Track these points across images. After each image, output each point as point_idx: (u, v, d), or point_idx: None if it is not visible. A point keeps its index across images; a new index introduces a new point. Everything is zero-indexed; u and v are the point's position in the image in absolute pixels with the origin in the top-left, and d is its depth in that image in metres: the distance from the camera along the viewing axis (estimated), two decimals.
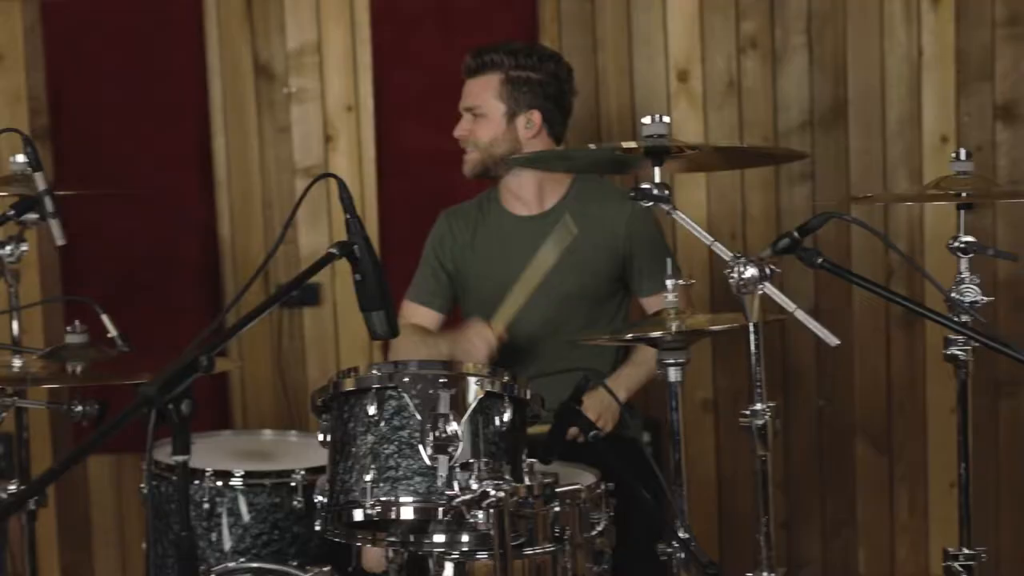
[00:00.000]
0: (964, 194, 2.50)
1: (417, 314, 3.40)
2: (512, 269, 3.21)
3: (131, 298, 4.16)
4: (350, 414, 2.40)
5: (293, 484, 2.93)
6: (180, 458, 1.90)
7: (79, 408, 2.74)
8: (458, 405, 2.33)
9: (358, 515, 2.36)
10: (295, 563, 2.91)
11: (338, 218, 4.25)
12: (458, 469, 2.25)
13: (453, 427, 2.28)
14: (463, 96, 3.36)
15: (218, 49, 4.24)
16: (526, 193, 3.34)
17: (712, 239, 2.30)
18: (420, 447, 2.31)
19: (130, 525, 4.32)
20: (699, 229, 2.33)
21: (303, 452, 3.15)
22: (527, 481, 2.22)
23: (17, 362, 2.81)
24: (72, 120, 4.25)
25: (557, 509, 2.57)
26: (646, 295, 3.31)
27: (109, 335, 3.03)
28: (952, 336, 2.51)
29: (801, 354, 4.19)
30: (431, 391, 2.33)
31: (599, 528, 2.69)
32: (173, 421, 1.88)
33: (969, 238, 2.52)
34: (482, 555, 2.57)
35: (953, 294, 2.47)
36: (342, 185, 2.39)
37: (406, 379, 2.34)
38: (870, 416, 4.20)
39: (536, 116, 3.30)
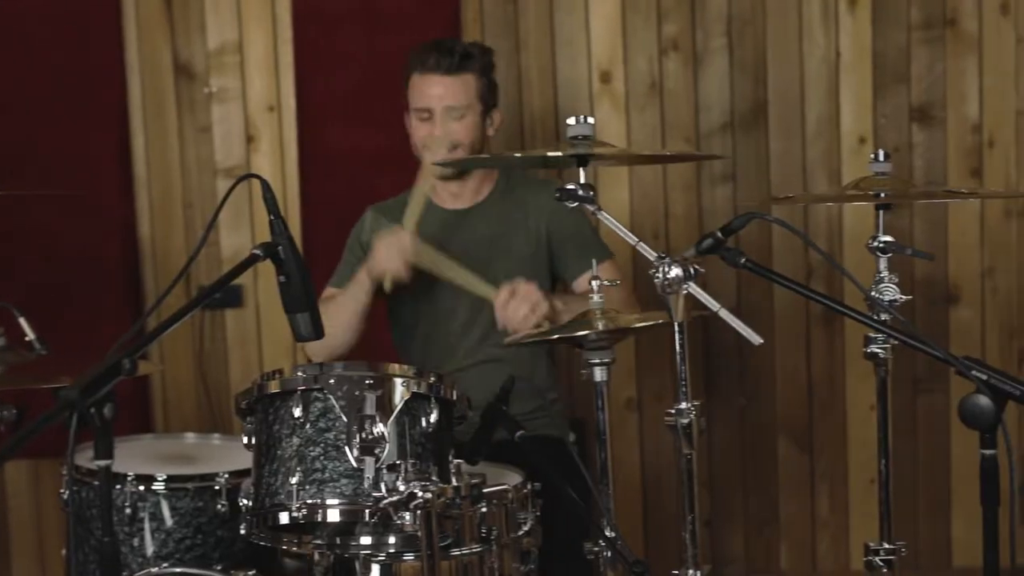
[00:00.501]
0: (883, 195, 2.53)
1: None
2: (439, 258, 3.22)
3: (50, 300, 4.09)
4: (275, 416, 2.39)
5: (217, 487, 2.90)
6: (103, 463, 1.87)
7: None
8: (384, 406, 2.33)
9: (284, 518, 2.35)
10: (219, 567, 2.88)
11: (260, 219, 4.19)
12: (385, 471, 2.24)
13: (380, 428, 2.28)
14: (438, 94, 3.21)
15: (137, 48, 4.18)
16: (468, 188, 3.33)
17: (637, 239, 2.31)
18: (346, 449, 2.30)
19: (49, 531, 4.25)
20: (624, 229, 2.34)
21: (226, 455, 3.12)
22: (454, 482, 2.22)
23: None
24: None
25: (484, 509, 2.57)
26: (574, 278, 3.29)
27: (27, 339, 2.99)
28: (872, 334, 2.54)
29: (723, 353, 4.23)
30: (357, 392, 2.33)
31: (525, 528, 2.69)
32: (95, 425, 1.85)
33: (888, 238, 2.55)
34: (409, 556, 2.56)
35: (873, 293, 2.50)
36: (266, 186, 2.38)
37: (331, 381, 2.33)
38: (791, 414, 4.25)
39: (498, 116, 3.33)
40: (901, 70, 4.15)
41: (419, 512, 2.17)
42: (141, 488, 2.89)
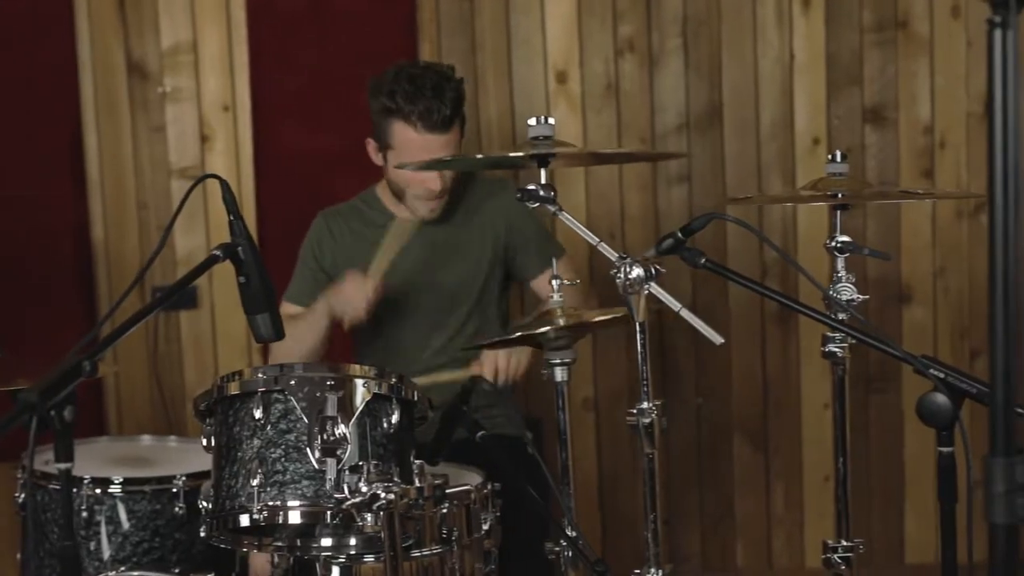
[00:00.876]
0: (840, 195, 2.55)
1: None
2: (395, 266, 3.21)
3: (2, 302, 4.06)
4: (235, 418, 2.37)
5: (175, 490, 2.88)
6: (63, 466, 1.86)
7: None
8: (346, 407, 2.32)
9: (244, 520, 2.33)
10: (177, 570, 2.86)
11: (215, 220, 4.19)
12: (347, 472, 2.23)
13: (341, 430, 2.27)
14: (432, 151, 3.11)
15: (89, 46, 4.15)
16: (430, 216, 3.31)
17: (598, 239, 2.32)
18: (308, 450, 2.29)
19: (2, 535, 4.20)
20: (584, 229, 2.35)
21: (183, 457, 3.10)
22: (417, 483, 2.21)
23: None
24: None
25: (445, 510, 2.57)
26: (534, 276, 3.32)
27: None
28: (830, 334, 2.56)
29: (679, 353, 4.25)
30: (318, 394, 2.32)
31: (486, 528, 2.69)
32: (56, 428, 1.83)
33: (845, 238, 2.58)
34: (369, 558, 2.56)
35: (831, 292, 2.52)
36: (225, 186, 2.37)
37: (292, 382, 2.32)
38: (746, 413, 4.28)
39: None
40: (854, 72, 4.19)
41: (382, 513, 2.16)
42: (98, 491, 2.86)
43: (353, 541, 2.52)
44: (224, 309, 4.22)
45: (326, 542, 2.52)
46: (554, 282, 2.58)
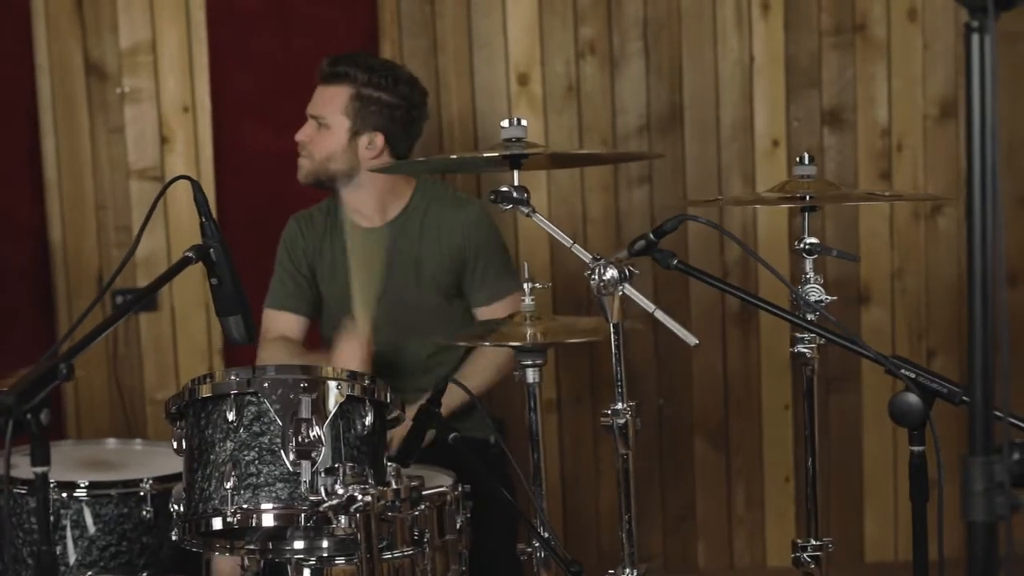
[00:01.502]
0: (808, 197, 2.57)
1: (280, 320, 3.32)
2: (357, 281, 3.20)
3: None
4: (207, 421, 2.36)
5: (142, 493, 2.86)
6: (40, 469, 1.84)
7: None
8: (319, 410, 2.31)
9: (218, 523, 2.32)
10: (145, 574, 2.84)
11: (175, 221, 4.16)
12: (322, 474, 2.22)
13: (316, 432, 2.26)
14: (312, 101, 3.28)
15: (46, 46, 4.11)
16: (366, 207, 3.29)
17: (572, 241, 2.33)
18: (282, 453, 2.29)
19: None
20: (558, 231, 2.36)
21: (149, 461, 3.09)
22: (393, 484, 2.21)
23: None
24: None
25: (418, 512, 2.56)
26: (480, 305, 3.26)
27: None
28: (799, 334, 2.58)
29: (640, 353, 4.27)
30: (292, 396, 2.31)
31: (457, 529, 2.69)
32: (32, 431, 1.81)
33: (813, 240, 2.60)
34: (340, 560, 2.55)
35: (800, 293, 2.54)
36: (197, 187, 2.36)
37: (265, 384, 2.31)
38: (707, 414, 4.30)
39: (379, 139, 3.23)
40: (813, 74, 4.23)
41: (358, 516, 2.15)
42: (64, 495, 2.83)
43: (325, 543, 2.51)
44: (184, 311, 4.19)
45: (298, 544, 2.51)
46: (526, 285, 2.58)
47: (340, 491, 2.17)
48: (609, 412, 2.31)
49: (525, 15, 4.18)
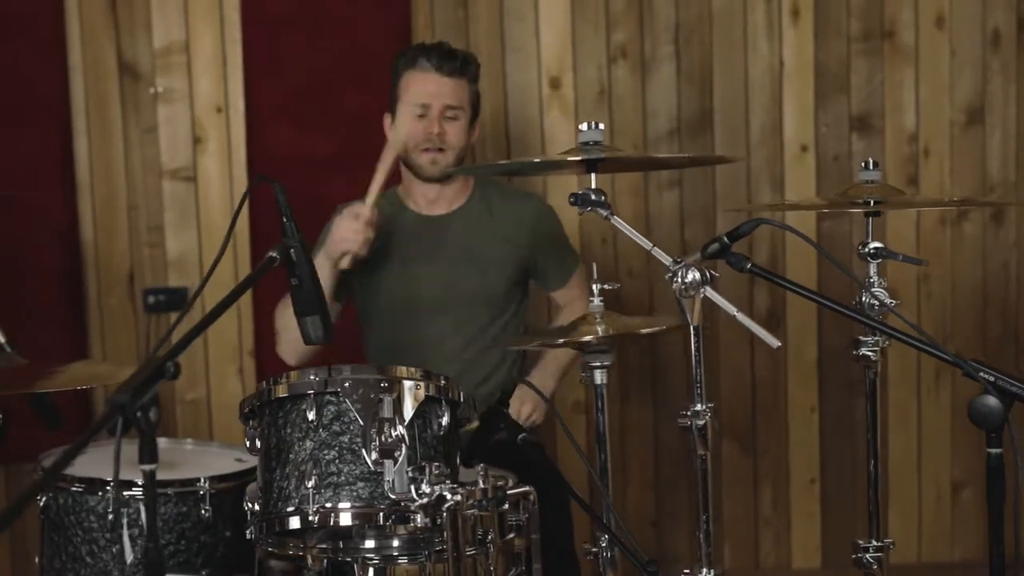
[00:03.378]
0: (873, 202, 2.61)
1: None
2: (418, 267, 3.24)
3: None
4: (285, 420, 2.37)
5: (201, 493, 2.86)
6: (148, 467, 1.85)
7: None
8: (399, 409, 2.33)
9: (295, 522, 2.34)
10: (204, 573, 2.84)
11: (206, 221, 4.17)
12: (409, 473, 2.24)
13: (399, 431, 2.28)
14: (438, 93, 3.22)
15: (80, 46, 4.11)
16: (446, 195, 3.34)
17: (651, 244, 2.35)
18: (363, 452, 2.30)
19: (27, 537, 4.19)
20: (638, 235, 2.38)
21: (201, 460, 3.09)
22: (481, 484, 2.23)
23: None
24: None
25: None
26: (557, 287, 3.41)
27: None
28: (863, 337, 2.61)
29: (669, 357, 4.30)
30: (372, 395, 2.33)
31: (516, 530, 2.71)
32: (142, 429, 1.83)
33: (878, 244, 2.63)
34: (403, 560, 2.57)
35: (864, 298, 2.58)
36: (280, 189, 2.36)
37: (347, 384, 2.33)
38: (735, 416, 4.33)
39: (478, 128, 3.36)
40: (841, 80, 4.27)
41: (446, 515, 2.17)
42: (125, 494, 2.83)
43: (396, 543, 2.52)
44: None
45: (369, 544, 2.52)
46: (595, 286, 2.61)
47: (429, 490, 2.18)
48: (688, 413, 2.33)
49: (557, 19, 4.21)
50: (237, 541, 2.94)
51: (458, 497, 2.17)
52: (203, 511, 2.87)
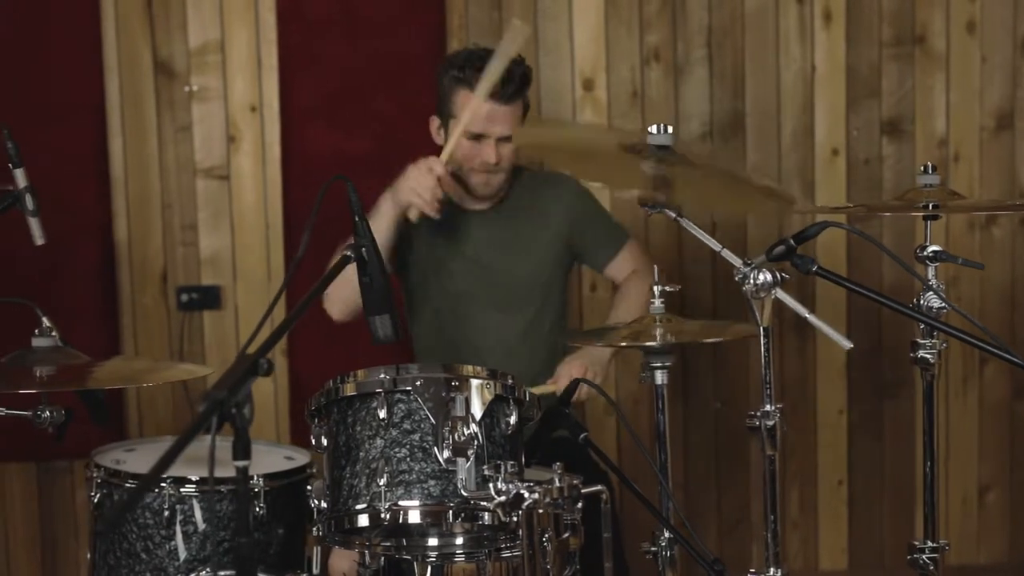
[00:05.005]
0: (932, 206, 2.63)
1: None
2: (462, 261, 3.26)
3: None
4: (355, 418, 2.38)
5: (256, 490, 2.87)
6: (241, 463, 1.86)
7: (46, 414, 2.64)
8: (469, 408, 2.34)
9: (364, 520, 2.35)
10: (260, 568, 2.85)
11: (239, 219, 4.18)
12: (485, 472, 2.26)
13: (472, 429, 2.29)
14: (494, 121, 3.17)
15: (116, 45, 4.11)
16: (490, 194, 3.35)
17: (721, 246, 2.37)
18: (434, 450, 2.31)
19: (51, 535, 4.19)
20: (706, 235, 2.40)
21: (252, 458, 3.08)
22: (557, 483, 2.24)
23: None
24: None
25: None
26: (606, 262, 3.41)
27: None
28: (921, 340, 2.63)
29: (698, 358, 4.32)
30: (443, 394, 2.34)
31: (571, 528, 2.72)
32: (238, 425, 1.84)
33: (937, 247, 2.65)
34: (460, 559, 2.58)
35: (921, 301, 2.60)
36: (351, 187, 2.37)
37: (419, 383, 2.34)
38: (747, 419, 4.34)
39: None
40: (873, 85, 4.29)
41: (521, 513, 2.18)
42: (181, 491, 2.84)
43: (459, 541, 2.54)
44: (247, 310, 4.21)
45: (432, 542, 2.54)
46: (655, 288, 2.63)
47: (506, 488, 2.19)
48: (757, 414, 2.35)
49: (591, 21, 4.23)
50: (289, 539, 2.96)
51: (536, 495, 2.17)
52: (257, 508, 2.88)
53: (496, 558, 2.57)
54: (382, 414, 2.33)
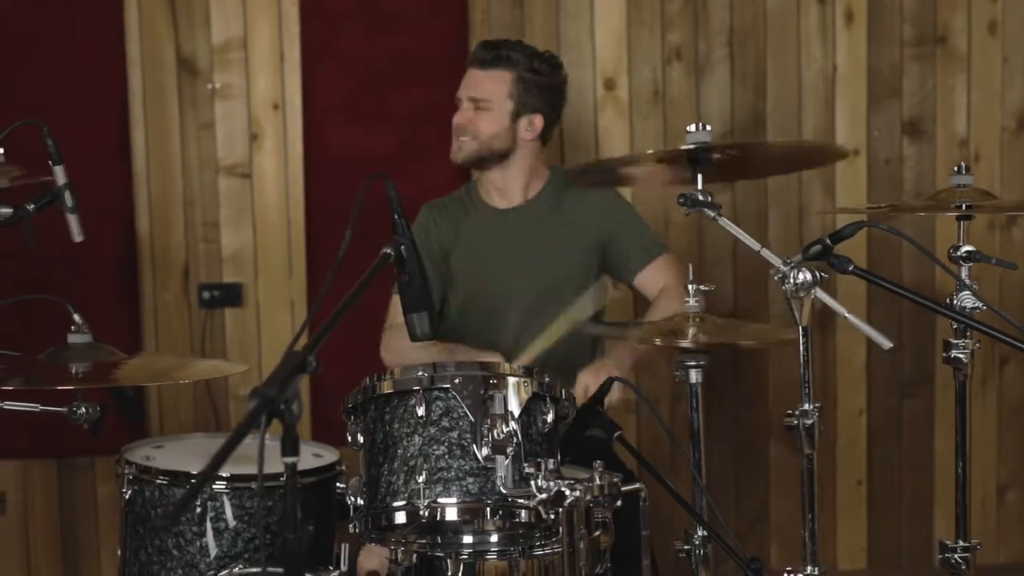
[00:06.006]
0: (964, 206, 2.64)
1: None
2: (498, 263, 3.27)
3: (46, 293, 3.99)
4: (392, 415, 2.39)
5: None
6: (290, 459, 1.87)
7: (81, 411, 2.65)
8: (507, 405, 2.35)
9: (401, 517, 2.36)
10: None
11: (261, 217, 4.18)
12: (525, 469, 2.26)
13: (512, 426, 2.30)
14: (468, 84, 3.34)
15: (139, 41, 4.12)
16: (513, 186, 3.38)
17: (760, 245, 2.37)
18: (473, 447, 2.32)
19: (72, 531, 4.19)
20: (746, 235, 2.40)
21: (279, 455, 3.09)
22: (598, 481, 2.25)
23: None
24: None
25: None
26: (638, 270, 3.39)
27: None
28: (953, 340, 2.64)
29: (718, 358, 4.30)
30: (482, 391, 2.34)
31: (602, 526, 2.73)
32: (286, 422, 1.84)
33: (970, 247, 2.66)
34: (492, 556, 2.59)
35: (955, 301, 2.60)
36: (391, 184, 2.37)
37: (457, 380, 2.35)
38: (783, 417, 4.34)
39: (539, 120, 3.35)
40: (894, 85, 4.30)
41: (562, 511, 2.19)
42: (212, 488, 2.84)
43: (494, 538, 2.54)
44: (269, 308, 4.21)
45: (467, 539, 2.54)
46: (690, 287, 2.63)
47: (548, 486, 2.20)
48: (795, 412, 2.35)
49: (613, 20, 4.23)
50: (318, 535, 2.96)
51: (577, 493, 2.18)
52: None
53: (528, 556, 2.57)
54: (420, 411, 2.34)
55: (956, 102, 4.31)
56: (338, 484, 2.98)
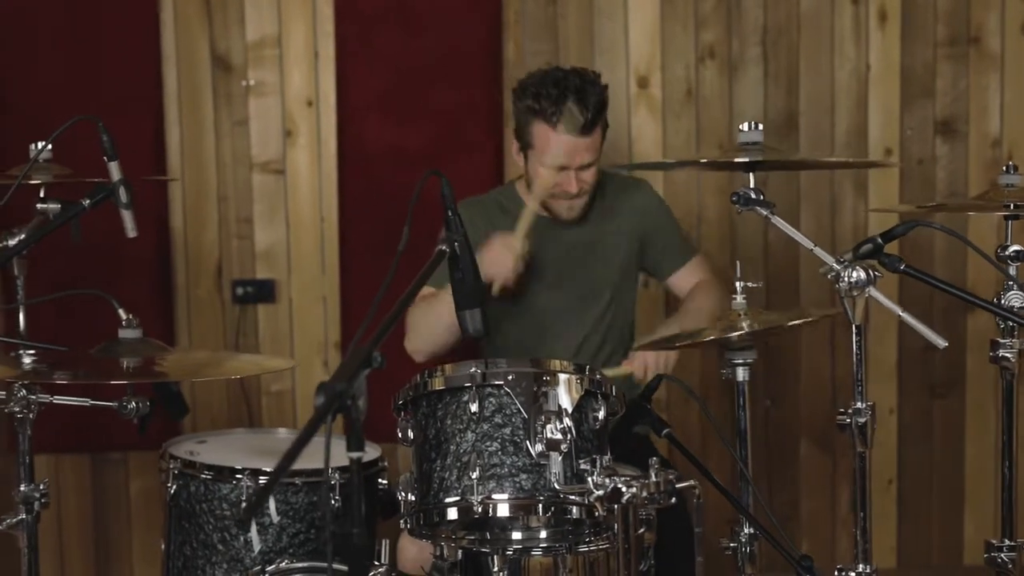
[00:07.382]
0: (1012, 206, 2.64)
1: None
2: (537, 262, 3.27)
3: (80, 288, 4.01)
4: (445, 412, 2.39)
5: (332, 483, 2.88)
6: (355, 455, 1.88)
7: (132, 405, 2.66)
8: (560, 402, 2.35)
9: (453, 513, 2.36)
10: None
11: (295, 214, 4.19)
12: (581, 465, 2.27)
13: (567, 423, 2.30)
14: (570, 154, 3.17)
15: (174, 38, 4.13)
16: (570, 214, 3.35)
17: (813, 244, 2.37)
18: (526, 444, 2.32)
19: (104, 526, 4.21)
20: (798, 233, 2.40)
21: (319, 451, 3.10)
22: (654, 478, 2.25)
23: (27, 360, 2.71)
24: (21, 108, 4.08)
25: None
26: (673, 271, 3.43)
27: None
28: (1001, 339, 2.64)
29: None
30: (535, 388, 2.35)
31: (646, 523, 2.73)
32: (352, 417, 1.85)
33: (1018, 247, 2.66)
34: (537, 553, 2.59)
35: (1002, 300, 2.60)
36: (445, 182, 2.38)
37: (511, 377, 2.35)
38: (814, 416, 4.36)
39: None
40: (927, 84, 4.30)
41: (618, 508, 2.20)
42: (257, 483, 2.85)
43: (543, 535, 2.55)
44: (302, 303, 4.22)
45: (516, 535, 2.55)
46: (738, 284, 2.64)
47: (604, 483, 2.21)
48: (848, 411, 2.36)
49: (646, 19, 4.23)
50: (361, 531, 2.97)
51: (634, 490, 2.19)
52: (332, 500, 2.89)
53: (574, 552, 2.58)
54: (473, 408, 2.34)
55: (989, 102, 4.31)
56: (379, 480, 3.00)
